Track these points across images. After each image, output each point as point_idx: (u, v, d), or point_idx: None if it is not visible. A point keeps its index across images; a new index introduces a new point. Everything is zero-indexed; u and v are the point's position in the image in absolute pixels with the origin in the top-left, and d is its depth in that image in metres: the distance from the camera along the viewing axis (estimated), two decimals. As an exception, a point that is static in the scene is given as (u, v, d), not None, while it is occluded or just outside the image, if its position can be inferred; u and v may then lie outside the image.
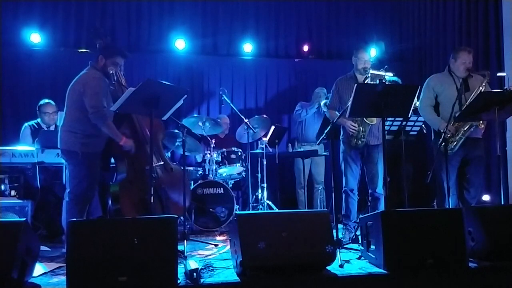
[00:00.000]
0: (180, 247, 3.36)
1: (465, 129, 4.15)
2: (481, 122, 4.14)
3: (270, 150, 5.78)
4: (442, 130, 4.10)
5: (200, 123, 5.49)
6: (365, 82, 4.20)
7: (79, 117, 3.70)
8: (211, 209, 5.23)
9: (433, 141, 4.43)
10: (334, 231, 3.24)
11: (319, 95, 6.07)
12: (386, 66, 4.32)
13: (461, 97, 4.18)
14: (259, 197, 5.66)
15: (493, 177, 5.37)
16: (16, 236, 2.64)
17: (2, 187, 4.59)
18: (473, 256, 3.17)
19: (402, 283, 2.93)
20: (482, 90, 4.07)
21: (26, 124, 5.25)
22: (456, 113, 3.99)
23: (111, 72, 3.87)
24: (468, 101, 4.01)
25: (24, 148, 4.71)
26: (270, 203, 5.57)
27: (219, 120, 5.92)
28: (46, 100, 5.25)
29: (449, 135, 4.10)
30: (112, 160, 4.19)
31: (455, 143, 4.19)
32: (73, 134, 3.70)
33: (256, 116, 5.76)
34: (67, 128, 3.74)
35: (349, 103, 3.49)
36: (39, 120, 5.26)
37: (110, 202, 3.96)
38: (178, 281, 2.71)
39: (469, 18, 5.96)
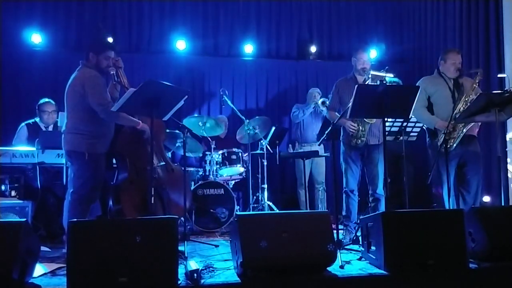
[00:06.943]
0: (180, 248, 3.36)
1: (462, 125, 4.15)
2: None
3: (271, 150, 5.79)
4: (437, 127, 4.11)
5: (201, 124, 5.49)
6: (366, 83, 4.20)
7: (84, 118, 3.69)
8: (211, 210, 5.23)
9: (428, 142, 4.43)
10: (335, 232, 3.24)
11: (313, 95, 6.11)
12: (386, 67, 4.32)
13: (454, 96, 4.20)
14: (260, 198, 5.66)
15: (494, 178, 5.36)
16: (16, 237, 2.64)
17: (3, 187, 4.61)
18: (474, 257, 3.16)
19: (403, 284, 2.93)
20: (475, 87, 4.10)
21: (23, 123, 5.21)
22: (456, 114, 3.99)
23: (112, 72, 3.88)
24: (469, 102, 4.01)
25: (24, 148, 4.70)
26: (270, 203, 5.57)
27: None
28: (46, 99, 5.22)
29: (447, 131, 4.11)
30: (114, 160, 4.20)
31: (453, 139, 4.18)
32: (79, 135, 3.69)
33: (257, 117, 5.76)
34: (73, 130, 3.72)
35: (350, 104, 3.48)
36: (37, 119, 5.22)
37: (111, 202, 3.96)
38: (179, 282, 2.71)
39: (469, 20, 5.97)
